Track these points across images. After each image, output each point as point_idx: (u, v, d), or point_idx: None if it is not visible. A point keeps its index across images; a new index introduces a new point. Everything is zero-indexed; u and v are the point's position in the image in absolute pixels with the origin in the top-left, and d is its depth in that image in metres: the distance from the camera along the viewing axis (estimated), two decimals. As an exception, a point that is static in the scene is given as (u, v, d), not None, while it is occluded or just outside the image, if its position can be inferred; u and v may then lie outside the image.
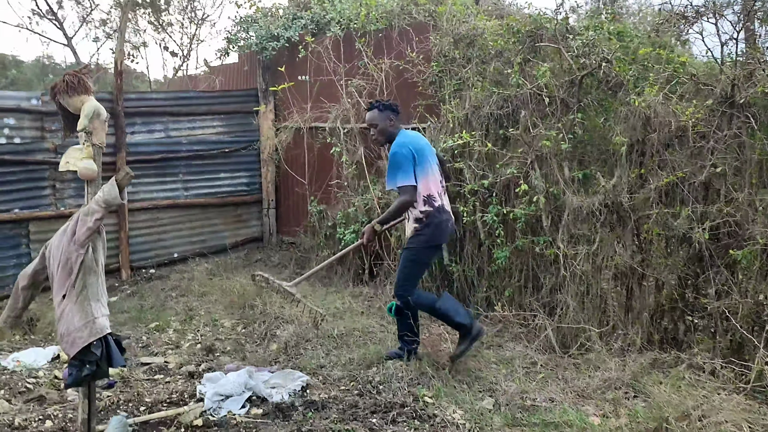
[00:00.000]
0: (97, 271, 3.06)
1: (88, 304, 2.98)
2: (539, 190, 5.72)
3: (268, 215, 9.03)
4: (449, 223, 4.69)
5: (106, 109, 7.34)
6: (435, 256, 4.80)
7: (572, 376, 4.55)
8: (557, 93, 5.84)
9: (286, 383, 4.45)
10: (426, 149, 4.66)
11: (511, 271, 6.07)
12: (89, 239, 3.00)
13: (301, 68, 8.22)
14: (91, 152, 3.08)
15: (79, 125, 3.05)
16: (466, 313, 4.73)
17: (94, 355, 2.93)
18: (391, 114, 4.72)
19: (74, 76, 3.08)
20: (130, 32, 15.54)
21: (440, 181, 4.73)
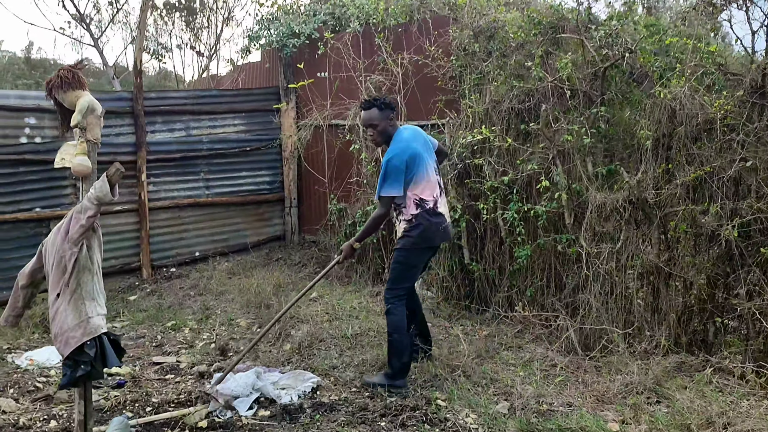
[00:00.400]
0: (92, 270, 3.00)
1: (82, 303, 2.92)
2: (561, 187, 5.54)
3: (290, 214, 8.96)
4: (441, 225, 4.45)
5: (126, 108, 7.50)
6: (425, 258, 4.61)
7: (592, 379, 4.36)
8: (580, 86, 5.65)
9: (296, 384, 4.36)
10: (422, 151, 4.42)
11: (533, 270, 5.90)
12: (82, 237, 2.94)
13: (321, 65, 8.13)
14: (85, 148, 3.02)
15: (72, 121, 2.99)
16: (407, 364, 4.42)
17: (88, 355, 2.87)
18: (391, 113, 4.46)
19: (69, 71, 3.02)
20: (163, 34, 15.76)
21: (437, 182, 4.52)
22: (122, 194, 7.51)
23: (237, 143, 8.47)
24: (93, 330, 2.91)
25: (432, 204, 4.43)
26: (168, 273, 7.70)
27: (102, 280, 3.12)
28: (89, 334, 2.89)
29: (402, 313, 4.48)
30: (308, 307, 6.03)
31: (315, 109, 8.05)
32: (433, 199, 4.44)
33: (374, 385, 4.34)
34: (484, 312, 6.03)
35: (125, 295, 7.15)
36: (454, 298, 6.37)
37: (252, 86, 9.41)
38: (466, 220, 6.19)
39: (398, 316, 4.44)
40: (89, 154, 3.04)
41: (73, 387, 3.01)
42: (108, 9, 13.72)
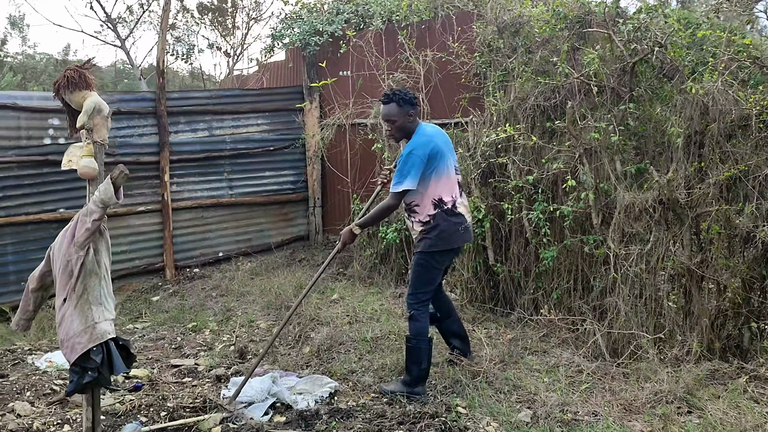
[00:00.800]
0: (100, 274, 2.94)
1: (88, 308, 2.86)
2: (588, 186, 5.36)
3: (314, 213, 8.90)
4: (461, 226, 4.31)
5: (149, 108, 7.51)
6: (445, 261, 4.45)
7: (620, 387, 4.19)
8: (607, 82, 5.46)
9: (313, 389, 4.27)
10: (444, 149, 4.30)
11: (559, 271, 5.73)
12: (88, 240, 2.88)
13: (344, 63, 8.05)
14: (91, 150, 2.96)
15: (78, 122, 2.94)
16: (426, 371, 4.28)
17: (94, 361, 2.81)
18: (411, 109, 4.31)
19: (75, 71, 2.97)
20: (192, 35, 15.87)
21: (458, 181, 4.38)
22: (146, 194, 7.54)
23: (260, 143, 8.43)
24: (99, 336, 2.85)
25: (451, 204, 4.29)
26: (191, 273, 7.69)
27: (111, 284, 3.06)
28: (95, 340, 2.83)
29: (425, 319, 4.35)
30: (329, 308, 5.94)
31: (337, 108, 7.97)
32: (452, 199, 4.30)
33: (392, 392, 4.22)
34: (509, 315, 5.89)
35: (148, 295, 7.16)
36: (478, 300, 6.24)
37: (276, 86, 9.37)
38: (490, 220, 6.05)
39: (422, 322, 4.32)
40: (96, 155, 2.98)
41: (80, 393, 2.96)
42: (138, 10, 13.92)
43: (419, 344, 4.26)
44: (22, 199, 6.67)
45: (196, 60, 14.24)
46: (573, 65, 5.75)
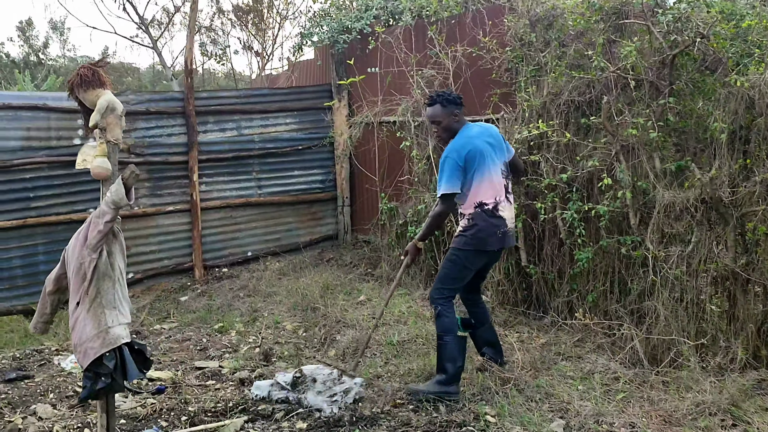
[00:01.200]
0: (114, 277, 2.85)
1: (102, 312, 2.78)
2: (625, 184, 5.14)
3: (343, 213, 8.79)
4: (499, 230, 4.18)
5: (177, 108, 7.48)
6: (478, 262, 4.30)
7: (659, 396, 3.97)
8: (645, 75, 5.22)
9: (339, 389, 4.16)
10: (485, 151, 4.18)
11: (595, 273, 5.51)
12: (101, 243, 2.80)
13: (372, 60, 7.92)
14: (105, 149, 2.88)
15: (90, 121, 2.86)
16: (461, 369, 4.17)
17: (107, 367, 2.73)
18: (455, 108, 4.27)
19: (89, 69, 2.89)
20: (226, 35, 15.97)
21: (503, 184, 4.25)
22: (174, 194, 7.52)
23: (289, 142, 8.35)
24: (113, 341, 2.77)
25: (492, 206, 4.17)
26: (220, 273, 7.65)
27: (125, 288, 2.97)
28: (108, 345, 2.75)
29: (452, 314, 4.25)
30: (355, 310, 5.82)
31: (365, 105, 7.84)
32: (493, 202, 4.19)
33: (424, 393, 4.07)
34: (542, 318, 5.69)
35: (177, 295, 7.13)
36: (510, 303, 6.05)
37: (306, 84, 9.29)
38: (522, 220, 5.85)
39: (449, 317, 4.21)
40: (109, 155, 2.89)
41: (93, 400, 2.88)
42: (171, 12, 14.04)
43: (451, 341, 4.15)
44: (52, 200, 6.70)
45: (227, 62, 14.27)
46: (609, 59, 5.52)
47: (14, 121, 6.48)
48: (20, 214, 6.53)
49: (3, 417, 3.82)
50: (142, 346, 3.01)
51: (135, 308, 6.81)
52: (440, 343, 4.18)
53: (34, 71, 24.47)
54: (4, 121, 6.42)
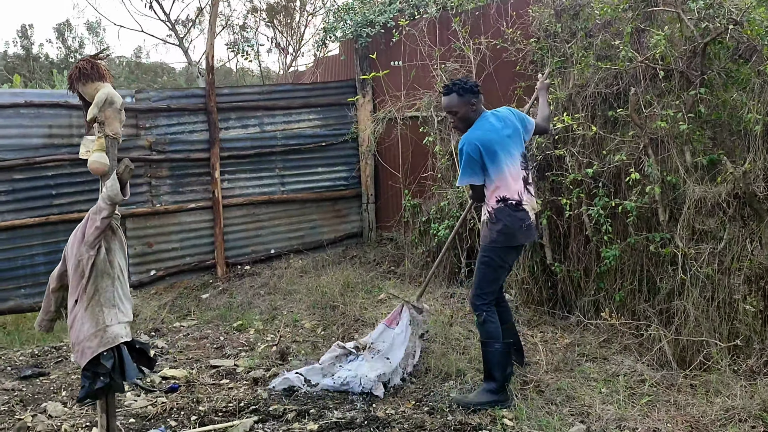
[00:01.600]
0: (113, 275, 2.79)
1: (100, 310, 2.72)
2: (654, 179, 4.93)
3: (368, 210, 8.69)
4: (524, 223, 4.03)
5: (199, 104, 7.46)
6: (510, 258, 4.15)
7: (686, 400, 3.78)
8: (676, 65, 4.99)
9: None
10: (504, 144, 4.04)
11: (623, 272, 5.31)
12: (98, 240, 2.74)
13: (396, 55, 7.79)
14: (103, 144, 2.81)
15: (88, 114, 2.79)
16: (509, 376, 4.03)
17: (105, 367, 2.66)
18: (473, 98, 4.12)
19: (88, 62, 2.83)
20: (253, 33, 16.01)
21: (522, 176, 4.09)
22: (196, 191, 7.50)
23: (312, 138, 8.27)
24: (110, 340, 2.70)
25: (516, 201, 4.04)
26: (242, 271, 7.61)
27: (127, 285, 2.90)
28: (105, 345, 2.69)
29: (496, 320, 4.11)
30: (375, 309, 5.72)
31: (389, 100, 7.72)
32: (517, 196, 4.04)
33: (474, 405, 3.89)
34: (568, 317, 5.50)
35: (199, 292, 7.12)
36: (534, 302, 5.87)
37: (330, 79, 9.21)
38: (547, 216, 5.68)
39: (493, 323, 4.08)
40: (108, 149, 2.82)
41: (92, 399, 2.82)
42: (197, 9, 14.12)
43: (500, 348, 4.02)
44: (75, 197, 6.74)
45: (254, 59, 14.28)
46: (637, 49, 5.30)
47: (37, 119, 6.53)
48: (43, 212, 6.58)
49: (14, 415, 3.81)
50: (144, 345, 2.94)
51: (156, 306, 6.82)
52: (486, 351, 4.04)
53: None
54: (26, 118, 6.47)
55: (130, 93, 7.19)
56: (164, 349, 5.20)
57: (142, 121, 7.12)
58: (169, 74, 25.51)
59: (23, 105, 6.40)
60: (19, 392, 4.21)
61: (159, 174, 7.25)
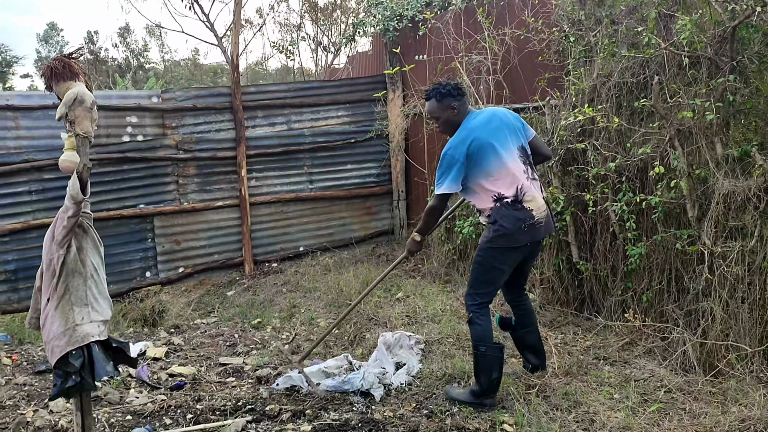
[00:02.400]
0: (85, 273, 2.77)
1: (70, 309, 2.71)
2: (680, 173, 4.65)
3: (399, 207, 8.58)
4: (525, 223, 3.79)
5: (225, 103, 7.49)
6: (508, 260, 3.93)
7: (701, 409, 3.53)
8: (703, 51, 4.69)
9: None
10: (493, 139, 3.80)
11: (651, 271, 5.04)
12: (67, 238, 2.72)
13: (424, 48, 7.65)
14: (73, 143, 2.79)
15: (57, 113, 2.78)
16: (498, 380, 3.84)
17: (73, 366, 2.65)
18: (453, 101, 3.89)
19: (59, 61, 2.82)
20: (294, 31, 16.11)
21: (522, 170, 3.85)
22: (224, 189, 7.56)
23: (341, 135, 8.21)
24: (79, 339, 2.69)
25: (512, 198, 3.81)
26: (268, 268, 7.63)
27: (103, 284, 2.88)
28: (74, 344, 2.67)
29: (486, 322, 3.92)
30: (391, 307, 5.61)
31: (414, 95, 7.58)
32: (513, 192, 3.81)
33: (459, 400, 3.84)
34: (594, 318, 5.26)
35: (225, 290, 7.17)
36: (559, 302, 5.66)
37: (362, 75, 9.13)
38: (571, 212, 5.45)
39: (482, 325, 3.89)
40: (79, 148, 2.80)
41: (65, 398, 2.82)
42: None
43: (486, 351, 3.84)
44: (102, 196, 6.87)
45: (297, 58, 14.39)
46: (666, 35, 5.01)
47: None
48: (72, 210, 6.73)
49: (17, 409, 3.87)
50: (122, 344, 2.92)
51: (184, 302, 6.90)
52: (475, 354, 3.89)
53: (135, 75, 25.75)
54: (54, 119, 6.61)
55: (157, 93, 7.29)
56: (179, 346, 5.23)
57: (168, 121, 7.21)
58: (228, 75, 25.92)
59: (52, 107, 6.56)
60: (29, 387, 4.29)
61: (186, 173, 7.33)
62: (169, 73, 26.87)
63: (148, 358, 4.86)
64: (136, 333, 5.89)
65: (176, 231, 7.31)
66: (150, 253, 7.15)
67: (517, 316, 4.33)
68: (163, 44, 32.05)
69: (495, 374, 3.82)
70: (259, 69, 22.31)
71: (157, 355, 4.89)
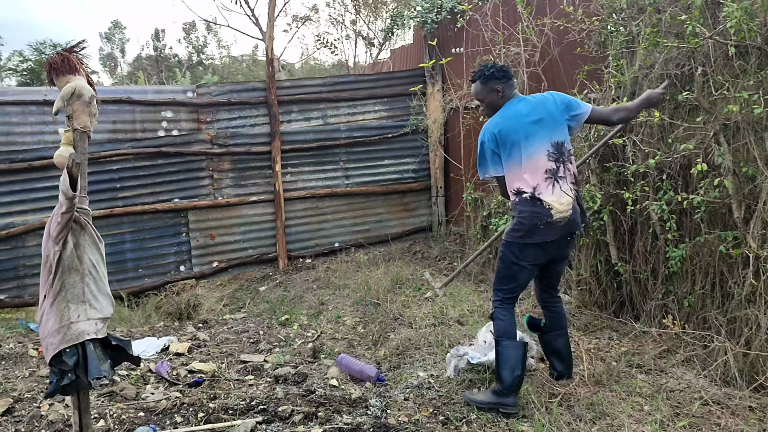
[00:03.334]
0: (81, 271, 2.73)
1: (66, 306, 2.67)
2: (725, 170, 4.34)
3: (437, 203, 8.41)
4: (542, 220, 3.60)
5: (260, 98, 7.46)
6: (529, 256, 3.74)
7: (736, 425, 3.27)
8: (752, 40, 4.37)
9: None
10: (524, 131, 3.63)
11: (695, 274, 4.74)
12: (62, 235, 2.68)
13: (462, 41, 7.44)
14: (70, 138, 2.75)
15: (54, 107, 2.74)
16: (520, 378, 3.66)
17: (67, 364, 2.61)
18: (497, 83, 3.76)
19: (60, 55, 2.78)
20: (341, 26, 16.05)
21: (547, 168, 3.64)
22: (258, 184, 7.54)
23: (378, 130, 8.09)
24: (74, 337, 2.64)
25: (530, 194, 3.63)
26: (302, 264, 7.58)
27: (101, 281, 2.83)
28: (68, 341, 2.63)
29: (508, 317, 3.78)
30: (418, 307, 5.45)
31: (452, 89, 7.39)
32: (531, 188, 3.64)
33: (478, 403, 3.69)
34: (633, 323, 4.99)
35: (257, 285, 7.14)
36: (597, 305, 5.40)
37: (402, 69, 8.98)
38: (609, 211, 5.19)
39: (504, 320, 3.77)
40: (76, 143, 2.75)
41: (62, 395, 2.78)
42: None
43: (508, 346, 3.71)
44: (138, 190, 6.94)
45: (338, 52, 14.35)
46: (712, 24, 4.70)
47: (101, 115, 6.71)
48: (107, 204, 6.83)
49: (34, 402, 3.90)
50: (122, 342, 2.87)
51: (219, 296, 6.91)
52: (497, 348, 3.76)
53: (196, 70, 26.27)
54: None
55: (192, 88, 7.32)
56: (204, 341, 5.21)
57: (203, 116, 7.23)
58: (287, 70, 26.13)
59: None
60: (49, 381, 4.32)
61: (220, 167, 7.34)
62: (227, 68, 27.31)
63: (170, 354, 4.85)
64: (166, 327, 5.91)
65: (210, 225, 7.33)
66: (184, 247, 7.19)
67: (546, 318, 4.16)
68: (220, 40, 32.58)
69: (517, 372, 3.65)
70: (315, 64, 22.38)
71: (180, 350, 4.88)
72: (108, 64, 33.94)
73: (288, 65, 25.02)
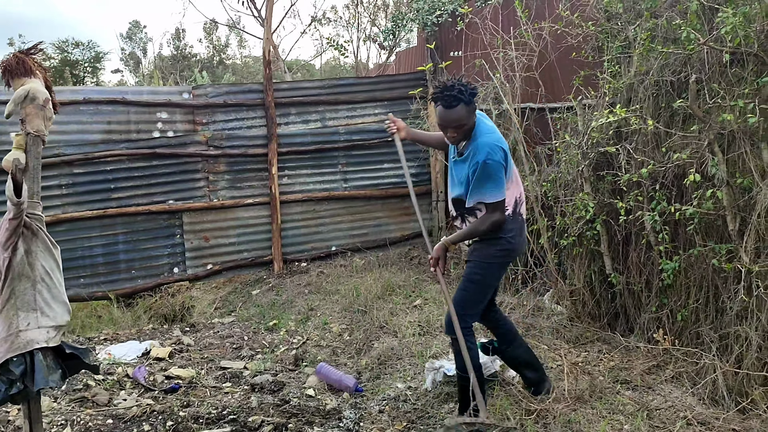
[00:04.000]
0: (33, 278, 2.67)
1: (15, 314, 2.61)
2: (719, 181, 4.20)
3: (437, 208, 8.30)
4: (524, 233, 3.59)
5: (257, 100, 7.40)
6: (502, 275, 3.64)
7: (718, 450, 3.14)
8: (749, 47, 4.22)
9: None
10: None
11: (687, 287, 4.60)
12: (11, 241, 2.62)
13: (465, 44, 7.33)
14: (21, 141, 2.68)
15: (5, 110, 2.68)
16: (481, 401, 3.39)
17: (13, 373, 2.55)
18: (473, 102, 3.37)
19: (15, 58, 2.73)
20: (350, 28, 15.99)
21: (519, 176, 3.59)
22: (254, 187, 7.48)
23: (377, 133, 8.00)
24: (21, 345, 2.58)
25: (520, 206, 3.58)
26: (297, 267, 7.50)
27: (56, 288, 2.76)
28: (15, 350, 2.57)
29: (475, 343, 3.57)
30: (405, 315, 5.36)
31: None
32: (522, 200, 3.59)
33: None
34: (625, 336, 4.86)
35: (251, 288, 7.08)
36: (589, 316, 5.27)
37: (404, 72, 8.88)
38: (602, 220, 5.06)
39: (474, 349, 3.52)
40: (29, 147, 2.69)
41: (11, 403, 2.73)
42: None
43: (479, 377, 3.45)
44: (132, 191, 6.91)
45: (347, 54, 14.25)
46: (708, 30, 4.56)
47: (96, 115, 6.76)
48: (101, 205, 6.81)
49: (5, 408, 3.86)
50: (77, 350, 2.81)
51: (211, 299, 6.85)
52: (463, 385, 3.46)
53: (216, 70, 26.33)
54: (86, 115, 6.71)
55: (188, 89, 7.28)
56: (188, 346, 5.16)
57: (199, 117, 7.19)
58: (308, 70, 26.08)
59: (82, 102, 6.64)
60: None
61: (216, 169, 7.29)
62: (248, 68, 27.34)
63: (150, 358, 4.80)
64: (154, 330, 5.88)
65: (205, 227, 7.28)
66: (178, 249, 7.15)
67: (499, 335, 3.89)
68: (245, 40, 32.63)
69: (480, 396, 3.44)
70: (335, 65, 22.30)
71: (161, 355, 4.82)
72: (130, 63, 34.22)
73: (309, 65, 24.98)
